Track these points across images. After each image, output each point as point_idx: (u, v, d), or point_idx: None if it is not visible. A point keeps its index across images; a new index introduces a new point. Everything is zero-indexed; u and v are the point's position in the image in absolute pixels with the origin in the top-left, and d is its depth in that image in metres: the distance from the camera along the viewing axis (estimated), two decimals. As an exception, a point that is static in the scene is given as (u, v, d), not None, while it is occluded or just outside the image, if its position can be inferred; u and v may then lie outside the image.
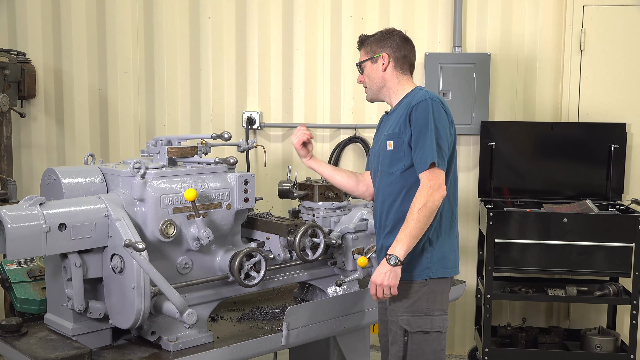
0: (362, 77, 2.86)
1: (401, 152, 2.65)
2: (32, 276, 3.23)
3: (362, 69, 2.84)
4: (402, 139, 2.64)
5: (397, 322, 2.65)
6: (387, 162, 2.70)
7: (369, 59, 2.80)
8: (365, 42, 2.83)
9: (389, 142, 2.69)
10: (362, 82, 2.87)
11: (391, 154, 2.68)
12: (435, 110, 2.59)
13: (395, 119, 2.71)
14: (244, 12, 4.70)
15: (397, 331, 2.66)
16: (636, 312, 3.92)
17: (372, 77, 2.80)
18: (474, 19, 4.58)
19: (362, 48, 2.84)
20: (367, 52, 2.82)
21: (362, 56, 2.84)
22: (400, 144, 2.65)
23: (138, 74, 4.77)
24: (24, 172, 4.73)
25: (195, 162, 2.89)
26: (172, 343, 2.65)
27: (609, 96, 4.51)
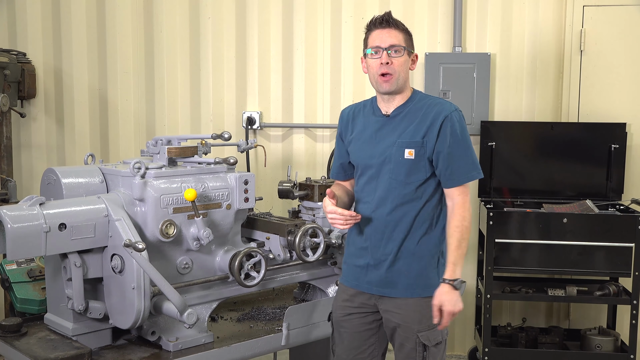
0: (393, 60, 2.51)
1: (422, 162, 2.52)
2: (32, 276, 3.23)
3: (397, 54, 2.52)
4: (425, 149, 2.52)
5: (416, 339, 2.55)
6: (404, 171, 2.53)
7: (409, 50, 2.55)
8: (405, 30, 2.56)
9: (408, 151, 2.52)
10: (392, 66, 2.51)
11: (411, 164, 2.52)
12: (464, 122, 2.57)
13: (410, 125, 2.55)
14: (244, 12, 4.70)
15: (416, 348, 2.55)
16: (636, 312, 3.92)
17: (405, 69, 2.55)
18: (474, 19, 4.58)
19: (400, 31, 2.55)
20: (407, 42, 2.55)
21: (402, 41, 2.53)
22: (422, 154, 2.52)
23: (138, 74, 4.76)
24: (24, 172, 4.73)
25: (195, 162, 2.89)
26: (172, 343, 2.65)
27: (609, 96, 4.51)
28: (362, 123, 2.67)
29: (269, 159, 4.61)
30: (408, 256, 2.57)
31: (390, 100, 2.61)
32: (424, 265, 2.58)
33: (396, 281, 2.58)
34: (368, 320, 2.67)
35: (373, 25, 2.58)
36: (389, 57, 2.51)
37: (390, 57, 2.51)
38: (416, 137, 2.53)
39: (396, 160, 2.54)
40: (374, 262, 2.61)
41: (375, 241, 2.60)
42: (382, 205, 2.58)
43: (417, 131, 2.53)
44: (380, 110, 2.64)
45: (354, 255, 2.68)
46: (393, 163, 2.55)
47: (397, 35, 2.54)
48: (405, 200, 2.55)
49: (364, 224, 2.62)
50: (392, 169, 2.55)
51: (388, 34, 2.53)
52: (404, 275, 2.58)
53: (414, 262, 2.57)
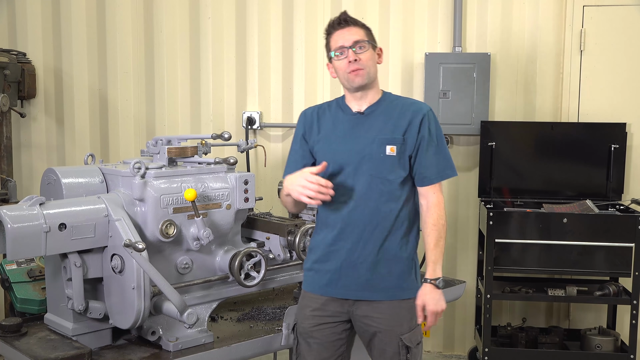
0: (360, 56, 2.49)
1: (403, 159, 2.50)
2: (32, 276, 3.23)
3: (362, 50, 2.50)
4: (405, 146, 2.49)
5: (399, 342, 2.51)
6: (386, 168, 2.49)
7: (372, 44, 2.54)
8: (364, 26, 2.56)
9: (390, 147, 2.48)
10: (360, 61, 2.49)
11: (393, 160, 2.49)
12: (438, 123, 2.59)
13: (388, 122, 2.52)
14: (244, 12, 4.70)
15: (400, 351, 2.51)
16: (636, 312, 3.92)
17: (373, 63, 2.54)
18: (474, 19, 4.58)
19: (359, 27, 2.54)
20: (369, 37, 2.55)
21: (364, 36, 2.52)
22: (403, 151, 2.49)
23: (138, 74, 4.77)
24: (24, 172, 4.73)
25: (195, 162, 2.89)
26: (172, 343, 2.65)
27: (609, 96, 4.51)
28: (330, 122, 2.60)
29: (269, 159, 4.61)
30: (389, 258, 2.52)
31: (363, 98, 2.57)
32: (404, 267, 2.54)
33: (376, 284, 2.51)
34: (339, 330, 2.59)
35: (332, 28, 2.56)
36: (356, 54, 2.49)
37: (356, 53, 2.49)
38: (397, 134, 2.50)
39: (377, 157, 2.49)
40: (350, 264, 2.52)
41: (353, 242, 2.51)
42: (361, 204, 2.50)
43: (396, 128, 2.51)
44: (351, 109, 2.59)
45: (323, 260, 2.57)
46: (374, 160, 2.49)
47: (358, 31, 2.53)
48: (387, 199, 2.49)
49: (338, 224, 2.52)
50: (373, 166, 2.49)
51: (349, 32, 2.52)
52: (384, 278, 2.52)
53: (395, 264, 2.52)
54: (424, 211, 2.54)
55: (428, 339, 4.77)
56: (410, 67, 4.63)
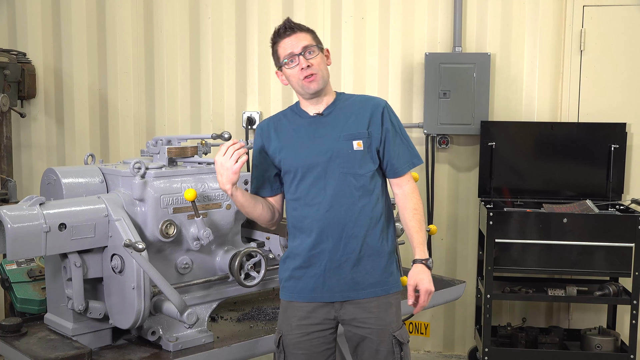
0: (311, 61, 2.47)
1: (370, 152, 2.49)
2: (32, 276, 3.23)
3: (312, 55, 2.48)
4: (371, 139, 2.49)
5: (392, 340, 2.47)
6: (356, 163, 2.47)
7: (320, 47, 2.51)
8: (309, 30, 2.53)
9: (357, 142, 2.47)
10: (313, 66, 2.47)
11: (362, 155, 2.48)
12: None
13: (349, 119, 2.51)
14: (244, 12, 4.70)
15: (394, 349, 2.46)
16: (636, 312, 3.92)
17: (324, 67, 2.52)
18: (474, 19, 4.58)
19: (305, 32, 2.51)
20: (316, 40, 2.52)
21: (311, 40, 2.50)
22: (369, 145, 2.49)
23: (138, 74, 4.77)
24: (24, 172, 4.74)
25: (195, 162, 2.89)
26: (172, 343, 2.65)
27: (609, 96, 4.51)
28: (289, 129, 2.58)
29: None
30: (372, 253, 2.48)
31: (319, 101, 2.55)
32: (387, 262, 2.52)
33: (361, 281, 2.48)
34: (328, 340, 2.54)
35: (278, 36, 2.52)
36: (307, 60, 2.47)
37: (307, 59, 2.47)
38: (361, 129, 2.50)
39: (345, 154, 2.47)
40: (333, 265, 2.47)
41: (335, 242, 2.46)
42: (337, 202, 2.45)
43: (359, 123, 2.51)
44: (308, 113, 2.57)
45: (305, 266, 2.50)
46: (342, 157, 2.47)
47: (305, 37, 2.50)
48: (362, 194, 2.47)
49: (315, 227, 2.47)
50: (343, 162, 2.47)
51: (297, 38, 2.48)
52: (369, 274, 2.48)
53: (378, 259, 2.49)
54: (400, 199, 2.56)
55: (428, 339, 4.78)
56: (410, 67, 4.63)
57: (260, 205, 2.58)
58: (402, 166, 2.54)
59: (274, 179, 2.61)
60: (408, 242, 2.56)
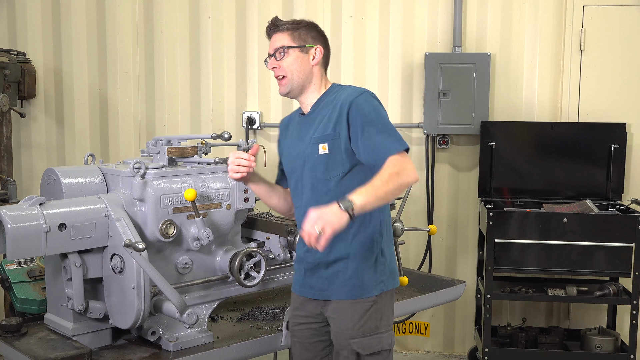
0: (280, 63, 2.47)
1: (338, 155, 2.38)
2: (32, 276, 3.23)
3: (282, 56, 2.47)
4: (339, 141, 2.37)
5: (348, 346, 2.41)
6: (321, 168, 2.41)
7: (298, 47, 2.47)
8: (292, 27, 2.48)
9: (321, 146, 2.39)
10: (277, 70, 2.48)
11: (327, 158, 2.40)
12: (375, 100, 2.39)
13: (322, 120, 2.44)
14: (244, 12, 4.70)
15: (349, 356, 2.42)
16: (636, 312, 3.92)
17: (298, 67, 2.46)
18: (474, 19, 4.58)
19: (283, 32, 2.48)
20: (296, 40, 2.47)
21: (286, 41, 2.47)
22: (336, 147, 2.38)
23: (138, 74, 4.77)
24: (24, 172, 4.74)
25: (195, 162, 2.89)
26: (172, 343, 2.65)
27: (609, 96, 4.51)
28: (292, 128, 2.62)
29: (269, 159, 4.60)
30: (342, 256, 2.44)
31: (304, 101, 2.54)
32: (359, 265, 2.43)
33: (332, 282, 2.46)
34: (321, 332, 2.56)
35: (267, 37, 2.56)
36: (276, 61, 2.48)
37: (277, 60, 2.48)
38: (327, 131, 2.40)
39: (312, 158, 2.43)
40: (310, 266, 2.51)
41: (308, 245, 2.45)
42: (309, 206, 2.32)
43: (327, 124, 2.41)
44: (302, 111, 2.59)
45: (298, 261, 2.61)
46: (311, 161, 2.44)
47: (280, 37, 2.49)
48: (329, 198, 2.31)
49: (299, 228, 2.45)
50: (311, 167, 2.44)
51: (273, 40, 2.51)
52: (339, 276, 2.45)
53: (349, 262, 2.43)
54: None
55: (428, 339, 4.78)
56: (410, 67, 4.63)
57: (275, 196, 2.67)
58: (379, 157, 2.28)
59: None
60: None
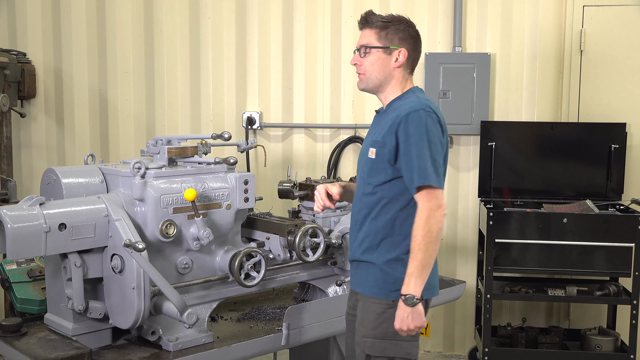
0: (362, 61, 2.48)
1: (382, 163, 2.41)
2: (32, 276, 3.23)
3: (366, 54, 2.48)
4: (384, 150, 2.40)
5: (361, 344, 2.46)
6: (366, 171, 2.48)
7: (382, 47, 2.46)
8: (380, 26, 2.47)
9: (371, 150, 2.44)
10: (358, 66, 2.50)
11: (372, 163, 2.45)
12: (428, 123, 2.35)
13: (382, 125, 2.46)
14: (244, 12, 4.70)
15: (360, 354, 2.47)
16: (636, 312, 3.92)
17: (378, 67, 2.46)
18: (474, 19, 4.58)
19: (372, 29, 2.48)
20: (382, 39, 2.46)
21: (372, 39, 2.47)
22: (382, 155, 2.41)
23: (138, 74, 4.77)
24: (24, 172, 4.73)
25: (195, 162, 2.89)
26: (172, 343, 2.65)
27: (609, 96, 4.51)
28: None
29: (269, 159, 4.61)
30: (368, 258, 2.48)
31: (381, 99, 2.57)
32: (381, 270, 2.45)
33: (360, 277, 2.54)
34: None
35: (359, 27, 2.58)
36: (358, 58, 2.51)
37: (359, 57, 2.51)
38: (379, 137, 2.44)
39: (364, 159, 2.52)
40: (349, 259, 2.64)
41: (351, 240, 2.62)
42: (356, 204, 2.58)
43: (381, 131, 2.45)
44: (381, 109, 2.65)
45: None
46: (362, 161, 2.55)
47: (367, 34, 2.50)
48: (367, 200, 2.47)
49: None
50: (362, 166, 2.55)
51: (362, 35, 2.53)
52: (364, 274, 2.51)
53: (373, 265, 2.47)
54: None
55: (428, 339, 4.78)
56: (410, 67, 4.62)
57: None
58: (410, 184, 2.35)
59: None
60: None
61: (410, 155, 2.34)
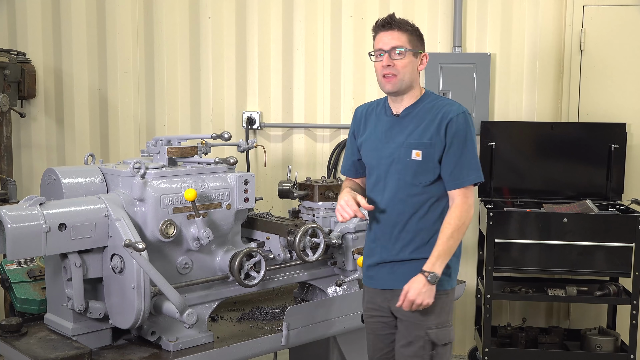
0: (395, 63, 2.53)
1: (430, 163, 2.53)
2: (32, 276, 3.23)
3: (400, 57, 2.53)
4: (432, 150, 2.52)
5: (425, 337, 2.55)
6: (411, 173, 2.54)
7: (413, 51, 2.55)
8: (409, 31, 2.57)
9: (415, 152, 2.52)
10: (390, 68, 2.53)
11: (418, 165, 2.53)
12: (471, 125, 2.57)
13: (419, 127, 2.55)
14: (244, 12, 4.70)
15: (424, 345, 2.55)
16: (636, 312, 3.92)
17: (410, 70, 2.55)
18: (474, 19, 4.58)
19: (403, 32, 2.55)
20: (411, 43, 2.55)
21: (405, 42, 2.54)
22: (430, 155, 2.52)
23: (138, 74, 4.77)
24: (24, 172, 4.73)
25: (195, 162, 2.89)
26: (172, 343, 2.65)
27: (609, 96, 4.51)
28: (374, 122, 2.69)
29: (269, 159, 4.61)
30: (418, 256, 2.56)
31: (399, 101, 2.61)
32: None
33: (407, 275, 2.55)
34: (389, 324, 2.67)
35: (377, 28, 2.60)
36: (391, 59, 2.53)
37: (392, 59, 2.53)
38: (424, 139, 2.53)
39: (404, 162, 2.55)
40: (384, 259, 2.63)
41: (385, 241, 2.61)
42: (391, 206, 2.58)
43: (424, 132, 2.54)
44: (391, 110, 2.65)
45: (367, 255, 2.71)
46: (401, 164, 2.56)
47: (399, 36, 2.55)
48: (413, 202, 2.55)
49: (374, 225, 2.66)
50: (400, 169, 2.56)
51: (390, 36, 2.55)
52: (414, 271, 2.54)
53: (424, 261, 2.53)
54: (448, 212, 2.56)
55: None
56: (410, 67, 4.62)
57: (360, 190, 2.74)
58: (456, 181, 2.53)
59: (359, 163, 2.76)
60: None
61: (462, 154, 2.52)
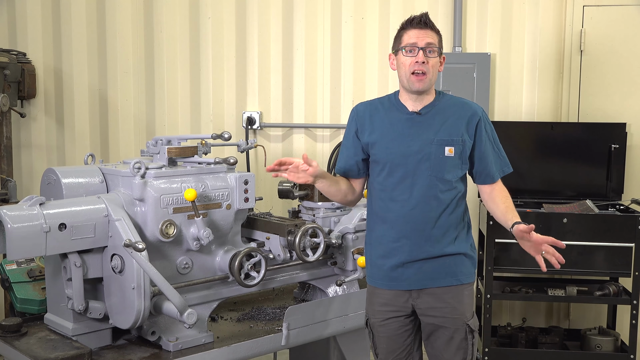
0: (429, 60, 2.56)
1: (460, 159, 2.61)
2: (32, 276, 3.23)
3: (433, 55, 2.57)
4: (463, 147, 2.60)
5: (465, 327, 2.61)
6: (444, 168, 2.58)
7: (440, 50, 2.62)
8: (438, 32, 2.64)
9: (448, 148, 2.57)
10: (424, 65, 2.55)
11: (451, 161, 2.59)
12: None
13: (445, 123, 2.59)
14: (244, 12, 4.70)
15: (466, 336, 2.62)
16: (636, 312, 3.92)
17: (436, 69, 2.61)
18: (474, 19, 4.58)
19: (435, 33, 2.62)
20: (440, 44, 2.63)
21: (437, 42, 2.61)
22: (462, 151, 2.60)
23: (138, 74, 4.77)
24: (24, 172, 4.73)
25: (195, 162, 2.89)
26: (172, 343, 2.65)
27: (609, 96, 4.51)
28: (386, 120, 2.65)
29: (269, 159, 4.60)
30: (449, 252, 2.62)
31: (419, 99, 2.62)
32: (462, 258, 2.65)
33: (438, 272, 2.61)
34: (405, 322, 2.68)
35: (410, 24, 2.63)
36: (425, 57, 2.55)
37: (426, 56, 2.55)
38: (455, 135, 2.59)
39: (436, 158, 2.58)
40: (411, 258, 2.60)
41: (414, 239, 2.59)
42: (421, 203, 2.58)
43: (453, 129, 2.60)
44: (406, 108, 2.64)
45: (387, 255, 2.64)
46: (432, 160, 2.58)
47: (433, 36, 2.61)
48: (446, 197, 2.60)
49: (399, 222, 2.60)
50: (431, 166, 2.58)
51: (425, 34, 2.59)
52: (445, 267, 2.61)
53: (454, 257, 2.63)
54: (487, 195, 2.74)
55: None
56: (410, 67, 4.62)
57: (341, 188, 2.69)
58: (492, 175, 2.70)
59: (362, 163, 2.71)
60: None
61: (496, 147, 2.69)
